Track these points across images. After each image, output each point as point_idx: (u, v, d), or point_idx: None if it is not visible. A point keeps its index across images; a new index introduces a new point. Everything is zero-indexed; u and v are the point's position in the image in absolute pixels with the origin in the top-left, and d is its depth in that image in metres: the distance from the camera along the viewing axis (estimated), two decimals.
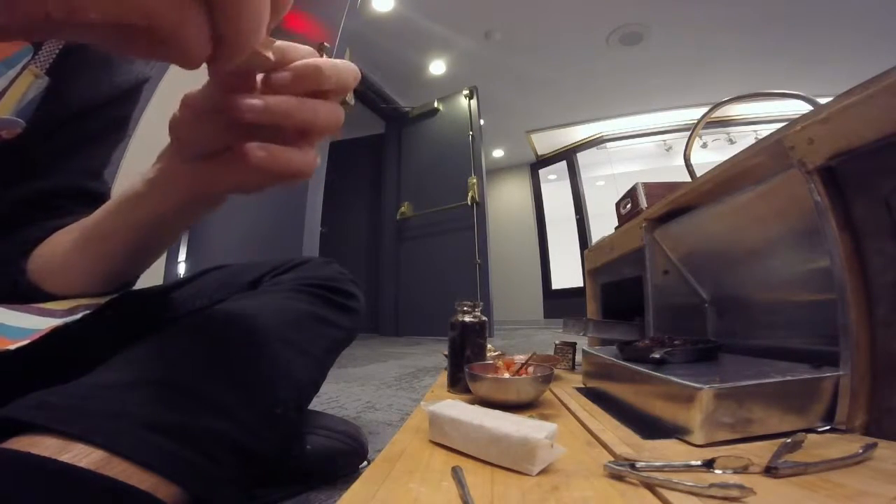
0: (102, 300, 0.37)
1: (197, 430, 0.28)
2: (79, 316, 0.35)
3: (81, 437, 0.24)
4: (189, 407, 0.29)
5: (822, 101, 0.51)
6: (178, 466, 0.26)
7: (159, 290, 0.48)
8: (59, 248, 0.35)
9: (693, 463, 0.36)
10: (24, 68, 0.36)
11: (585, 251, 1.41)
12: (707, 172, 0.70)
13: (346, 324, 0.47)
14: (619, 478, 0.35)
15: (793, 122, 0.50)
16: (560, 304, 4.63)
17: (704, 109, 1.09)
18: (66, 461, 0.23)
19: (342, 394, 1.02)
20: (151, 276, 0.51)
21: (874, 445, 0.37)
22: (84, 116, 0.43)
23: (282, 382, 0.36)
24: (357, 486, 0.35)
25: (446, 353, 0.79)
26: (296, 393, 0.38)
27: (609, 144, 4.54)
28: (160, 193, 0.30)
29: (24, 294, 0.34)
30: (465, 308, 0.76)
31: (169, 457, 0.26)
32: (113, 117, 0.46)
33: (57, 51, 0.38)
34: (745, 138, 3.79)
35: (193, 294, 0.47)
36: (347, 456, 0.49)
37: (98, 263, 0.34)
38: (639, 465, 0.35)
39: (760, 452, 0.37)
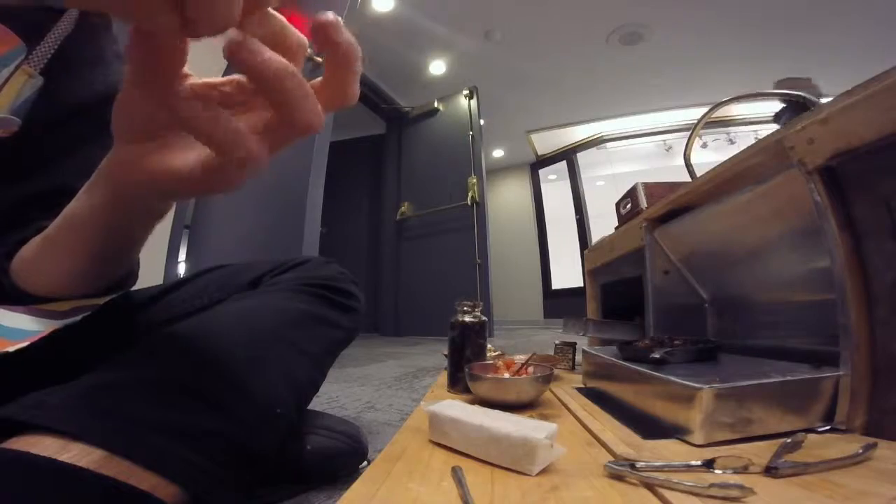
0: (101, 301, 0.37)
1: (196, 429, 0.28)
2: (79, 318, 0.35)
3: (80, 436, 0.24)
4: (188, 406, 0.29)
5: (822, 101, 0.51)
6: (178, 466, 0.26)
7: (158, 291, 0.48)
8: (27, 252, 0.35)
9: (693, 463, 0.36)
10: (17, 68, 0.36)
11: (585, 251, 1.41)
12: (707, 172, 0.70)
13: (346, 324, 0.47)
14: (619, 478, 0.35)
15: (793, 122, 0.50)
16: (560, 304, 4.63)
17: (704, 109, 1.09)
18: (65, 461, 0.23)
19: (342, 394, 1.02)
20: (152, 277, 0.51)
21: (874, 445, 0.37)
22: (79, 116, 0.43)
23: (281, 382, 0.36)
24: (357, 486, 0.35)
25: (446, 353, 0.79)
26: (295, 392, 0.38)
27: (609, 144, 4.54)
28: (94, 189, 0.28)
29: (10, 295, 0.34)
30: (465, 308, 0.76)
31: (168, 456, 0.26)
32: (108, 117, 0.46)
33: (52, 52, 0.38)
34: (745, 138, 3.79)
35: (193, 294, 0.47)
36: (347, 456, 0.49)
37: (56, 266, 0.33)
38: (639, 465, 0.35)
39: (760, 452, 0.37)
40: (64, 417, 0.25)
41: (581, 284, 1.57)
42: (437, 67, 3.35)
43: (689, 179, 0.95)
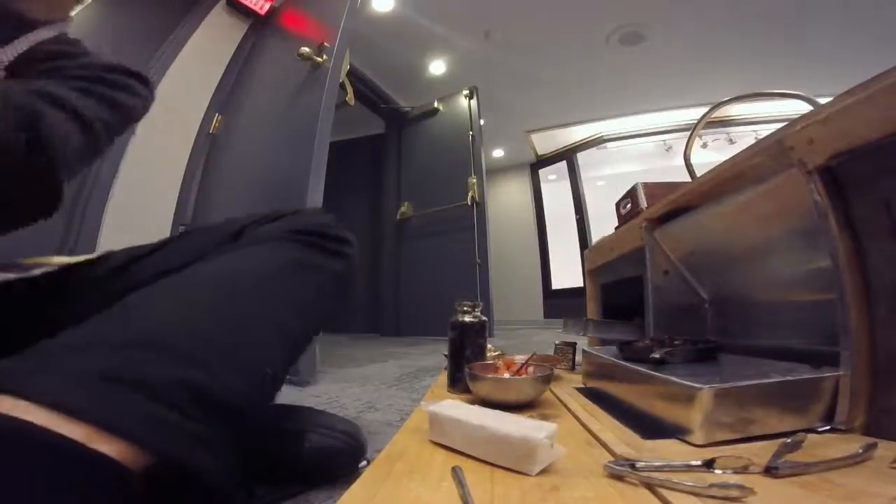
0: (74, 260, 0.36)
1: (163, 382, 0.26)
2: (38, 273, 0.33)
3: (35, 396, 0.23)
4: (160, 360, 0.27)
5: (822, 101, 0.51)
6: (141, 423, 0.24)
7: (133, 256, 0.46)
8: None
9: (693, 463, 0.36)
10: None
11: (585, 251, 1.41)
12: (707, 172, 0.70)
13: (336, 267, 0.45)
14: (619, 478, 0.34)
15: (793, 122, 0.50)
16: (560, 304, 4.63)
17: (704, 109, 1.09)
18: (20, 417, 0.22)
19: (342, 394, 1.02)
20: None
21: (874, 445, 0.37)
22: None
23: (261, 333, 0.34)
24: (357, 486, 0.35)
25: (446, 353, 0.79)
26: (278, 340, 0.36)
27: (609, 144, 4.54)
28: None
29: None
30: (465, 308, 0.76)
31: (127, 410, 0.24)
32: None
33: (17, 53, 0.39)
34: (745, 138, 3.79)
35: (172, 253, 0.45)
36: (347, 455, 0.49)
37: None
38: (639, 465, 0.35)
39: (760, 452, 0.37)
40: (21, 378, 0.23)
41: (581, 284, 1.57)
42: (437, 67, 3.35)
43: (689, 179, 0.95)
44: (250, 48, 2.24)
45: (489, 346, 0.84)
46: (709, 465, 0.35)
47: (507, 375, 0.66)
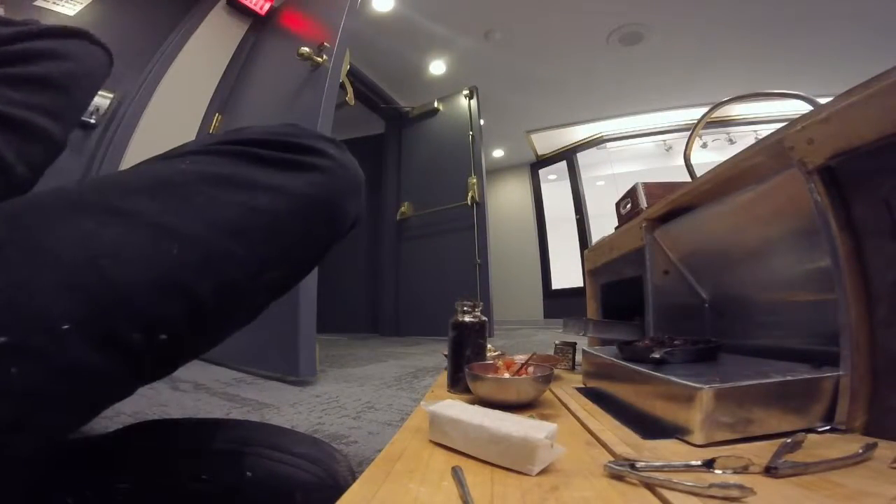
0: None
1: None
2: None
3: None
4: None
5: (822, 101, 0.51)
6: None
7: None
8: None
9: (693, 463, 0.36)
10: None
11: (585, 251, 1.41)
12: (707, 172, 0.70)
13: (281, 182, 0.29)
14: (619, 478, 0.34)
15: (793, 122, 0.50)
16: (560, 304, 4.64)
17: (704, 109, 1.09)
18: None
19: (342, 394, 1.02)
20: None
21: (874, 445, 0.37)
22: None
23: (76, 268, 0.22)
24: (357, 487, 0.35)
25: (446, 353, 0.79)
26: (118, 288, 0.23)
27: (609, 144, 4.54)
28: None
29: None
30: (465, 308, 0.76)
31: None
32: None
33: None
34: (745, 138, 3.80)
35: None
36: (311, 492, 0.34)
37: None
38: (639, 465, 0.35)
39: (760, 452, 0.37)
40: None
41: (581, 284, 1.57)
42: (437, 67, 3.35)
43: (689, 179, 0.95)
44: (250, 48, 2.24)
45: (489, 346, 0.84)
46: (709, 465, 0.35)
47: (507, 375, 0.66)
